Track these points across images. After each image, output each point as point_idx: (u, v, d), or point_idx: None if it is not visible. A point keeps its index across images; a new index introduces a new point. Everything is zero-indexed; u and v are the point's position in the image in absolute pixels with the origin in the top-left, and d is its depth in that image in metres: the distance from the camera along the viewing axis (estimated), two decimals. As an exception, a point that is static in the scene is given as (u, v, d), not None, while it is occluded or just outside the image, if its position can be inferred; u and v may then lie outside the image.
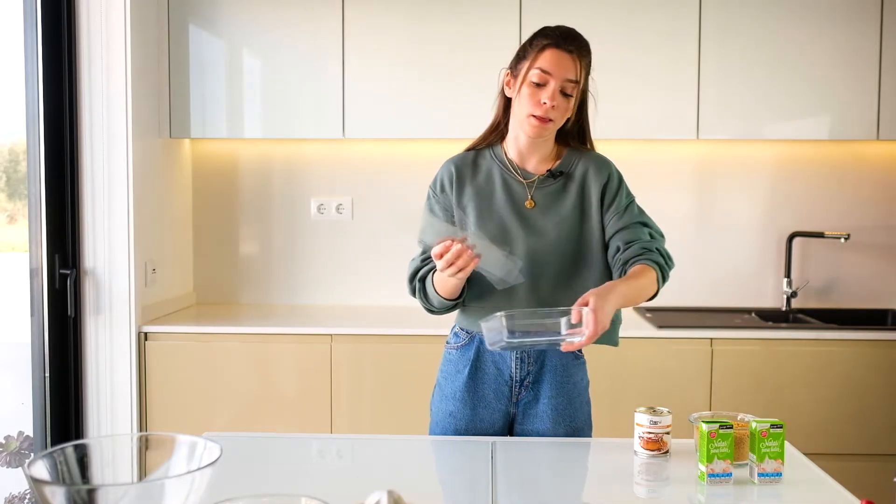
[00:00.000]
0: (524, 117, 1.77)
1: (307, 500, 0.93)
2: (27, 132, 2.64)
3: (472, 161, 1.89)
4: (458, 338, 1.90)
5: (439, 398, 1.89)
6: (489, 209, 1.82)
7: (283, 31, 3.00)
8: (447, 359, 1.91)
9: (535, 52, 1.76)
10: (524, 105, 1.76)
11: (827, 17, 2.93)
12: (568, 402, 1.84)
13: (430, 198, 1.90)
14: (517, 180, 1.84)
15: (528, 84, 1.75)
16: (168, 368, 2.80)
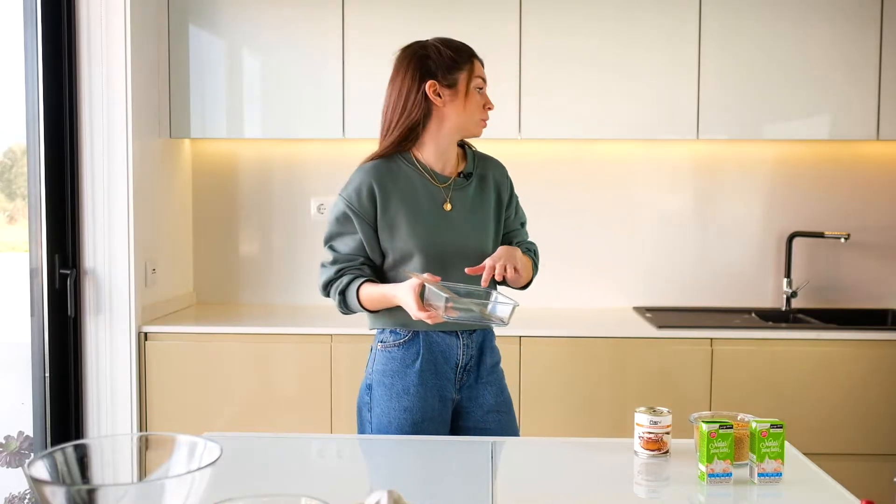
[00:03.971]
0: (475, 121, 1.92)
1: (307, 500, 0.92)
2: (27, 132, 2.64)
3: (386, 170, 1.92)
4: (399, 335, 1.93)
5: (387, 398, 1.89)
6: (417, 215, 1.88)
7: (283, 31, 3.00)
8: (389, 357, 1.93)
9: (468, 64, 1.91)
10: (473, 110, 1.91)
11: (827, 17, 2.93)
12: (499, 377, 1.99)
13: (348, 209, 1.88)
14: (434, 184, 1.91)
15: (473, 92, 1.91)
16: (168, 368, 2.80)
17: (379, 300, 1.88)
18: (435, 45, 1.89)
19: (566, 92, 2.98)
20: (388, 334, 1.95)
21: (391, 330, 1.94)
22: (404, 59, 1.89)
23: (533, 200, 3.28)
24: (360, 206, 1.88)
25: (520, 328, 2.78)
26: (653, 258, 3.28)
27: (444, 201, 1.91)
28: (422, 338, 1.90)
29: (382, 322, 1.95)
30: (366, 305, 1.91)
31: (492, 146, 3.25)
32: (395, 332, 1.93)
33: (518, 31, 2.96)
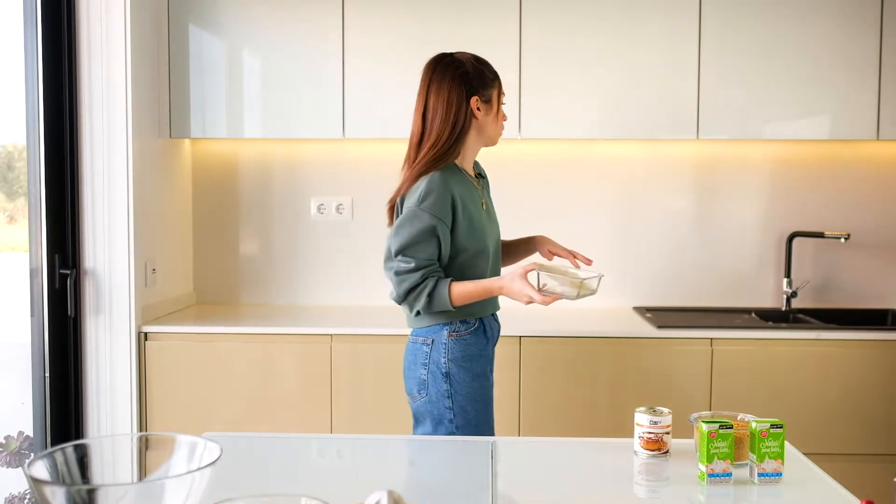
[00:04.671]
0: (499, 132, 2.17)
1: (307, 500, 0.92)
2: (27, 132, 2.64)
3: (451, 176, 2.05)
4: (469, 324, 2.06)
5: (470, 379, 2.03)
6: (477, 216, 2.07)
7: (283, 31, 3.00)
8: (465, 344, 2.04)
9: (496, 80, 2.13)
10: (500, 123, 2.16)
11: (827, 17, 2.93)
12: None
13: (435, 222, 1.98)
14: (475, 188, 2.12)
15: (500, 107, 2.15)
16: (168, 368, 2.80)
17: (477, 294, 2.00)
18: (470, 62, 2.07)
19: (566, 92, 2.98)
20: (460, 324, 2.05)
21: (461, 320, 2.05)
22: (445, 73, 2.04)
23: (533, 200, 3.28)
24: (444, 215, 1.99)
25: (520, 328, 2.78)
26: (653, 258, 3.28)
27: (481, 202, 2.12)
28: (485, 323, 2.08)
29: (451, 315, 2.04)
30: (457, 302, 1.99)
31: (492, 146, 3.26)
32: (466, 322, 2.05)
33: (518, 31, 2.96)
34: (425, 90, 2.06)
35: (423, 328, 2.08)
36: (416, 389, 2.08)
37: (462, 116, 2.04)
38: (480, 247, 2.06)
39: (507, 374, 2.76)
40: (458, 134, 2.05)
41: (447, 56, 2.08)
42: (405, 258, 1.99)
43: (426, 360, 2.05)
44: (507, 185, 3.27)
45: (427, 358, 2.05)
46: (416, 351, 2.08)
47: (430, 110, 2.05)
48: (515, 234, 3.28)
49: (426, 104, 2.05)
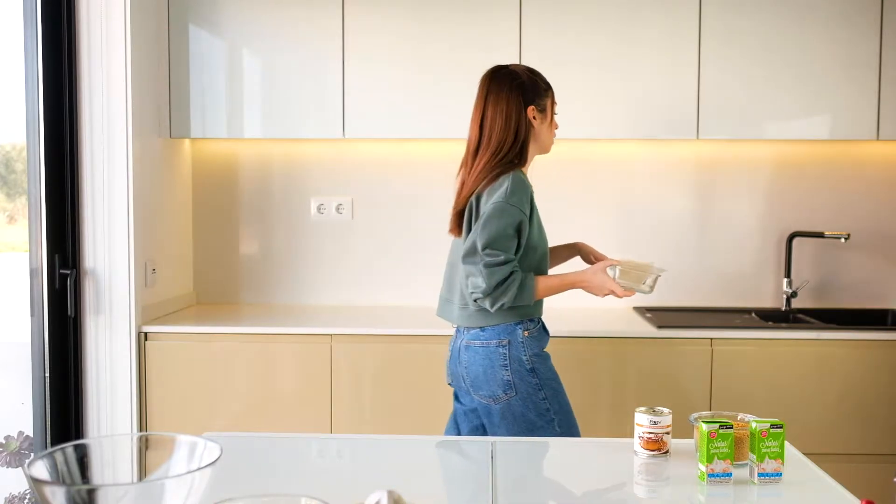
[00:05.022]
0: (551, 139, 2.25)
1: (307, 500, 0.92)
2: (27, 132, 2.63)
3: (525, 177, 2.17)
4: (535, 322, 2.16)
5: (552, 372, 2.16)
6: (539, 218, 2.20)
7: (284, 31, 3.00)
8: (537, 341, 2.15)
9: (549, 90, 2.23)
10: (552, 131, 2.24)
11: (827, 17, 2.93)
12: None
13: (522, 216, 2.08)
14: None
15: (553, 116, 2.24)
16: (168, 368, 2.80)
17: (559, 288, 2.14)
18: (525, 73, 2.19)
19: (566, 92, 2.97)
20: (529, 322, 2.14)
21: (529, 318, 2.14)
22: (502, 85, 2.15)
23: (533, 200, 3.28)
24: (527, 211, 2.09)
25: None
26: (653, 258, 3.28)
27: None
28: (542, 321, 2.20)
29: (524, 313, 2.13)
30: (539, 296, 2.11)
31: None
32: (532, 320, 2.16)
33: (518, 32, 2.96)
34: (482, 101, 2.15)
35: (494, 330, 2.11)
36: (500, 391, 2.10)
37: (522, 125, 2.13)
38: (545, 247, 2.19)
39: (507, 374, 2.75)
40: (522, 142, 2.14)
41: (503, 68, 2.20)
42: (494, 251, 2.04)
43: (505, 360, 2.10)
44: (507, 185, 3.27)
45: (506, 359, 2.10)
46: (492, 354, 2.11)
47: (487, 119, 2.13)
48: (515, 234, 3.28)
49: (483, 114, 2.14)
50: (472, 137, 2.17)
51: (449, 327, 2.79)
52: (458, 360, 2.19)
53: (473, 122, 2.17)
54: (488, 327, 2.12)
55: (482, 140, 2.14)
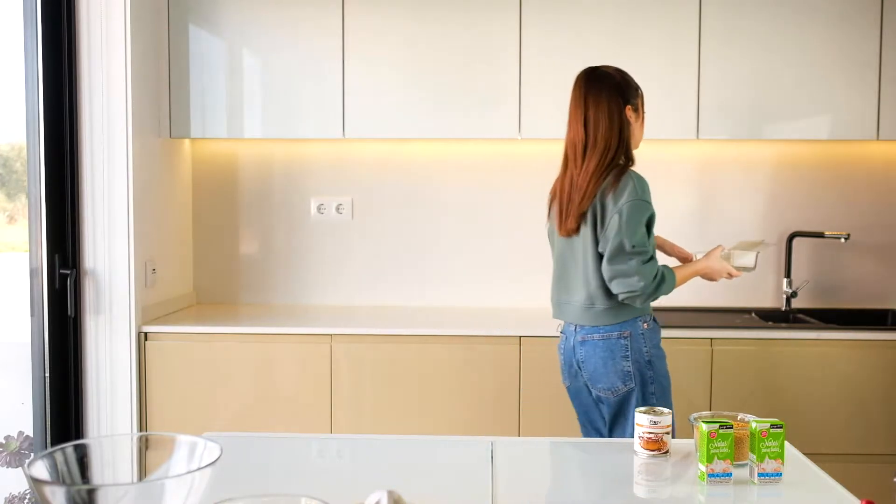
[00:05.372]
0: (642, 136, 2.32)
1: (307, 500, 0.92)
2: (27, 132, 2.63)
3: None
4: (649, 315, 2.26)
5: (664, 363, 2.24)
6: None
7: (284, 31, 3.00)
8: (654, 333, 2.25)
9: (639, 91, 2.30)
10: (643, 129, 2.31)
11: (827, 17, 2.93)
12: None
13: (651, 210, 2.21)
14: None
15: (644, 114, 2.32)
16: (168, 368, 2.80)
17: (688, 276, 2.31)
18: (618, 74, 2.27)
19: (566, 92, 2.97)
20: (647, 315, 2.24)
21: (647, 311, 2.24)
22: (601, 86, 2.23)
23: (533, 200, 3.28)
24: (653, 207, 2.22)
25: (520, 328, 2.78)
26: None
27: None
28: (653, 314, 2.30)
29: (643, 308, 2.22)
30: (676, 286, 2.24)
31: (492, 146, 3.26)
32: (648, 313, 2.25)
33: (518, 31, 2.96)
34: (582, 102, 2.22)
35: (618, 323, 2.19)
36: (620, 382, 2.18)
37: (624, 125, 2.21)
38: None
39: (506, 374, 2.76)
40: (627, 140, 2.22)
41: (596, 69, 2.28)
42: (643, 249, 2.14)
43: (626, 352, 2.18)
44: (507, 185, 3.28)
45: (627, 350, 2.18)
46: (613, 346, 2.18)
47: (590, 121, 2.20)
48: (517, 234, 3.29)
49: (586, 115, 2.21)
50: (576, 138, 2.22)
51: (444, 327, 2.80)
52: (575, 356, 2.25)
53: (575, 122, 2.23)
54: (616, 323, 2.19)
55: (588, 141, 2.20)
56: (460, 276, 3.29)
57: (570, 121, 2.25)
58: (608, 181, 2.16)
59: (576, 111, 2.23)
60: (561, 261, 2.30)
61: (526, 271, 3.28)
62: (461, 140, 3.22)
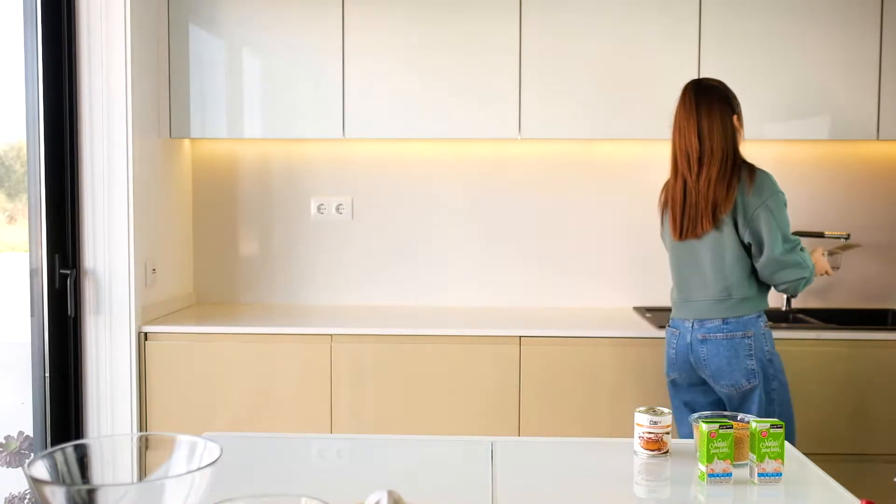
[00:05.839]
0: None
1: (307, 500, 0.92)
2: (27, 132, 2.63)
3: None
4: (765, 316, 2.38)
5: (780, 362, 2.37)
6: None
7: (284, 31, 3.00)
8: (770, 333, 2.36)
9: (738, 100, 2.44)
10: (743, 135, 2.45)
11: (827, 17, 2.93)
12: None
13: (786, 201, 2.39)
14: None
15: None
16: (168, 368, 2.80)
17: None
18: (722, 84, 2.41)
19: (566, 92, 2.98)
20: (764, 314, 2.38)
21: (764, 310, 2.38)
22: (711, 96, 2.36)
23: (533, 200, 3.28)
24: None
25: (520, 328, 2.78)
26: (653, 258, 3.28)
27: None
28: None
29: (762, 304, 2.38)
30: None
31: (492, 146, 3.26)
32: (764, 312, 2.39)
33: (518, 31, 2.96)
34: (695, 113, 2.35)
35: (739, 322, 2.32)
36: (744, 380, 2.31)
37: (735, 134, 2.38)
38: None
39: (507, 374, 2.76)
40: (737, 146, 2.38)
41: (701, 82, 2.42)
42: (796, 239, 2.34)
43: (750, 351, 2.31)
44: (507, 185, 3.28)
45: (751, 349, 2.31)
46: (737, 345, 2.31)
47: (705, 131, 2.34)
48: (517, 234, 3.29)
49: (699, 126, 2.34)
50: (689, 148, 2.36)
51: (443, 327, 2.80)
52: (693, 353, 2.37)
53: (688, 133, 2.36)
54: (731, 319, 2.32)
55: (704, 150, 2.34)
56: (460, 275, 3.29)
57: (679, 130, 2.39)
58: (743, 180, 2.32)
59: (688, 122, 2.36)
60: (683, 263, 2.44)
61: (526, 271, 3.28)
62: (461, 140, 3.22)
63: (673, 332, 2.46)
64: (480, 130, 3.00)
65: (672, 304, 2.51)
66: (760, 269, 2.33)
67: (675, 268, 2.48)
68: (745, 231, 2.31)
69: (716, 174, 2.33)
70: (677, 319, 2.45)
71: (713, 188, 2.32)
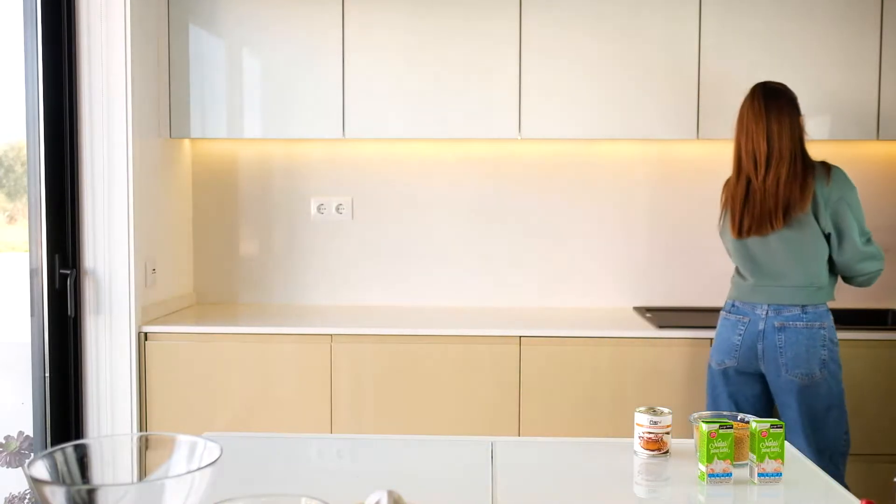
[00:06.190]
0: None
1: (307, 500, 0.93)
2: (27, 132, 2.63)
3: None
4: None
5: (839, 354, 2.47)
6: None
7: (283, 31, 3.00)
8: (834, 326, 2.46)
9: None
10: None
11: (827, 16, 2.93)
12: None
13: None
14: None
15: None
16: (168, 368, 2.80)
17: None
18: (787, 88, 2.48)
19: (566, 92, 2.98)
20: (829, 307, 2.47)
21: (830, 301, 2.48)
22: (780, 100, 2.45)
23: (533, 200, 3.28)
24: None
25: (520, 328, 2.78)
26: (653, 258, 3.28)
27: None
28: None
29: (831, 296, 2.48)
30: None
31: (492, 146, 3.26)
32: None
33: (518, 31, 2.96)
34: (764, 116, 2.43)
35: (816, 311, 2.42)
36: (817, 369, 2.39)
37: (801, 133, 2.45)
38: None
39: (507, 374, 2.76)
40: (804, 146, 2.45)
41: (766, 84, 2.49)
42: (869, 231, 2.46)
43: (824, 341, 2.41)
44: (507, 185, 3.28)
45: (825, 340, 2.41)
46: (814, 336, 2.40)
47: (774, 133, 2.42)
48: (517, 234, 3.29)
49: (769, 128, 2.42)
50: (757, 149, 2.43)
51: (443, 327, 2.80)
52: (765, 341, 2.44)
53: (756, 134, 2.43)
54: (809, 308, 2.41)
55: (772, 152, 2.42)
56: (460, 275, 3.30)
57: (746, 132, 2.45)
58: (820, 176, 2.41)
59: (756, 124, 2.43)
60: (756, 252, 2.48)
61: (526, 271, 3.28)
62: (461, 140, 3.22)
63: (739, 318, 2.50)
64: (480, 130, 3.00)
65: (736, 287, 2.55)
66: (843, 261, 2.43)
67: (746, 256, 2.51)
68: (828, 223, 2.40)
69: (785, 174, 2.40)
70: (746, 305, 2.50)
71: (783, 188, 2.40)
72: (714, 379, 2.57)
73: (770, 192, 2.42)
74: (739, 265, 2.56)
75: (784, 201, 2.40)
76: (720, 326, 2.57)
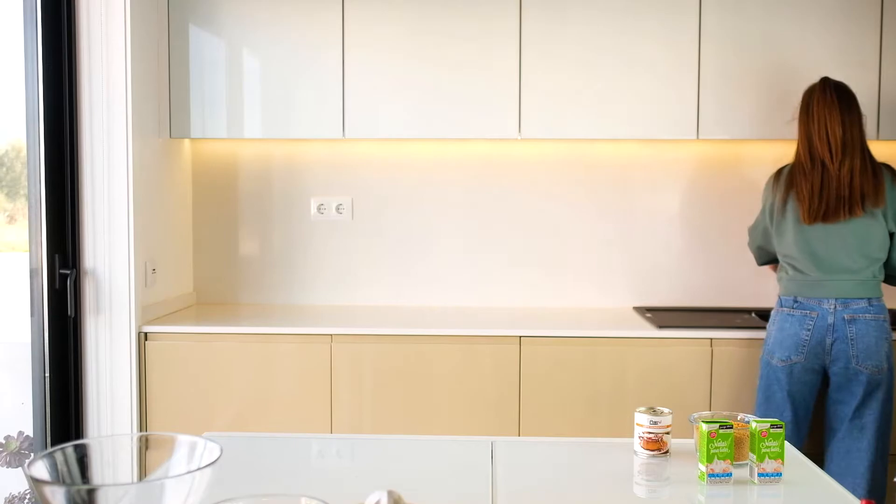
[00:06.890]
0: None
1: (307, 500, 0.92)
2: (27, 132, 2.63)
3: None
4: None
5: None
6: None
7: (283, 31, 3.00)
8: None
9: None
10: None
11: (827, 16, 2.93)
12: None
13: None
14: None
15: None
16: (168, 368, 2.80)
17: None
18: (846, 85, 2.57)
19: (566, 92, 2.98)
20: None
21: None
22: (851, 97, 2.55)
23: (532, 200, 3.28)
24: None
25: (520, 328, 2.78)
26: (653, 258, 3.28)
27: None
28: None
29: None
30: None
31: (492, 146, 3.27)
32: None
33: (518, 31, 2.96)
34: (837, 108, 2.51)
35: (880, 305, 2.49)
36: (885, 362, 2.46)
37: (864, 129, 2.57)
38: None
39: (507, 374, 2.76)
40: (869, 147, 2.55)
41: (830, 82, 2.57)
42: None
43: (888, 335, 2.48)
44: (507, 185, 3.28)
45: (889, 333, 2.48)
46: (880, 328, 2.47)
47: (847, 124, 2.51)
48: (517, 234, 3.29)
49: (843, 119, 2.51)
50: (832, 135, 2.50)
51: (443, 327, 2.80)
52: (836, 334, 2.46)
53: (831, 121, 2.50)
54: (875, 301, 2.48)
55: (846, 142, 2.50)
56: (460, 276, 3.30)
57: (817, 119, 2.52)
58: (887, 175, 2.51)
59: (830, 112, 2.51)
60: (819, 243, 2.52)
61: (526, 271, 3.28)
62: (461, 140, 3.22)
63: (806, 313, 2.51)
64: (480, 130, 3.00)
65: (795, 283, 2.56)
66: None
67: (806, 251, 2.54)
68: (892, 222, 2.49)
69: (859, 165, 2.49)
70: (811, 300, 2.51)
71: (857, 178, 2.47)
72: (773, 375, 2.55)
73: (845, 182, 2.48)
74: (798, 260, 2.56)
75: (860, 191, 2.47)
76: (782, 322, 2.55)
